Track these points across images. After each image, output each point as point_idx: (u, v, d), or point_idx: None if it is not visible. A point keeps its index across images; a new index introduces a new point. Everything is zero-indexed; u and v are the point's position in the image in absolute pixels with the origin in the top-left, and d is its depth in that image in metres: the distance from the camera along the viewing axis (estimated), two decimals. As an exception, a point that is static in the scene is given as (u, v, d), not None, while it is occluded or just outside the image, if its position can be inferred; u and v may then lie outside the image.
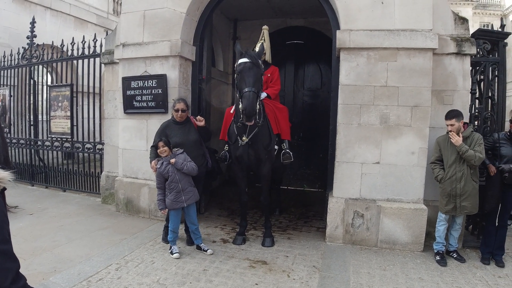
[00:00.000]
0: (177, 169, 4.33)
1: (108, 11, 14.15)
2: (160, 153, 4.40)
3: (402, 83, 4.71)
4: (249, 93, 4.07)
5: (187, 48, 5.68)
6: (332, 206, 4.92)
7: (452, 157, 4.30)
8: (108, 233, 5.07)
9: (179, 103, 4.64)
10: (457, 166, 4.28)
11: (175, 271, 3.95)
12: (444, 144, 4.40)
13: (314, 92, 8.83)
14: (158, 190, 4.44)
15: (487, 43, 4.99)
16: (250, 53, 4.34)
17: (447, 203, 4.34)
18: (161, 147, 4.38)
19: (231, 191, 7.86)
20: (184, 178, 4.38)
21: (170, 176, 4.34)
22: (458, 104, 4.89)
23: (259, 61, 4.35)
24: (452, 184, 4.28)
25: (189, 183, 4.42)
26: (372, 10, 4.77)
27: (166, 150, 4.40)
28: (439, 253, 4.42)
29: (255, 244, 4.83)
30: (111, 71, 6.57)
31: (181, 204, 4.36)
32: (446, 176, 4.32)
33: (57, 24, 11.61)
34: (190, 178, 4.45)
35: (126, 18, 5.91)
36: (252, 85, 4.12)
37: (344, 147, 4.88)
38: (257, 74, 4.25)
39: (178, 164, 4.31)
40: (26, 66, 8.15)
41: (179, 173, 4.34)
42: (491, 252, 4.40)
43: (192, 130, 4.72)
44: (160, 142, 4.40)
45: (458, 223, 4.49)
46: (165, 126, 4.72)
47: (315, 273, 4.01)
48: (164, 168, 4.35)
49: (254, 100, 4.07)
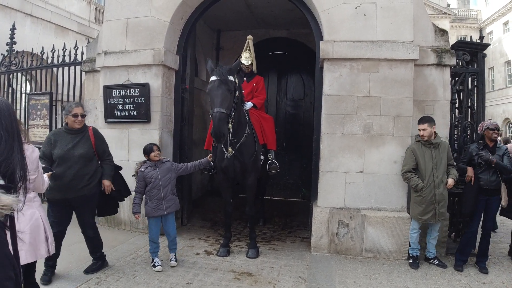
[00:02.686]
0: (161, 176, 4.25)
1: (89, 19, 14.01)
2: (154, 156, 4.34)
3: (385, 93, 4.78)
4: (215, 115, 3.93)
5: (170, 57, 5.64)
6: (317, 215, 4.91)
7: (430, 164, 4.35)
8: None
9: (78, 107, 3.91)
10: (434, 172, 4.35)
11: (157, 284, 3.84)
12: (419, 152, 4.41)
13: (296, 102, 8.89)
14: (135, 194, 4.31)
15: (467, 54, 5.13)
16: (219, 70, 4.14)
17: (425, 211, 4.36)
18: (156, 151, 4.37)
19: (213, 202, 7.76)
20: (167, 186, 4.29)
21: (152, 181, 4.24)
22: (439, 113, 4.99)
23: (230, 77, 4.12)
24: (431, 191, 4.32)
25: (171, 190, 4.34)
26: (355, 22, 4.84)
27: (160, 154, 4.43)
28: (413, 257, 4.54)
29: (240, 256, 4.76)
30: (92, 79, 6.45)
31: (161, 212, 4.24)
32: (426, 184, 4.34)
33: (37, 31, 11.41)
34: (173, 185, 4.38)
35: (109, 26, 5.83)
36: (219, 106, 3.95)
37: (328, 157, 4.89)
38: (225, 92, 4.02)
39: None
40: (5, 73, 7.92)
41: (163, 179, 4.26)
42: (465, 260, 4.47)
43: (83, 142, 3.91)
44: (155, 146, 4.39)
45: (437, 230, 4.55)
46: (54, 133, 4.00)
47: (301, 284, 3.96)
48: (149, 172, 4.26)
49: (221, 122, 3.91)
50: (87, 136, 3.98)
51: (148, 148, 4.40)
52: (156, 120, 5.52)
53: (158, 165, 4.33)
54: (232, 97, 4.11)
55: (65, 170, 3.74)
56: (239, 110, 4.47)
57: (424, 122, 4.40)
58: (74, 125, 3.90)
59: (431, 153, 4.38)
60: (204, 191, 8.76)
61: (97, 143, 4.07)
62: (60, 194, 3.76)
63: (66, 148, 3.79)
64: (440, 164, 4.38)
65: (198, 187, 8.38)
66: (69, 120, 3.88)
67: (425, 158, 4.38)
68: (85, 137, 3.96)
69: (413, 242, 4.55)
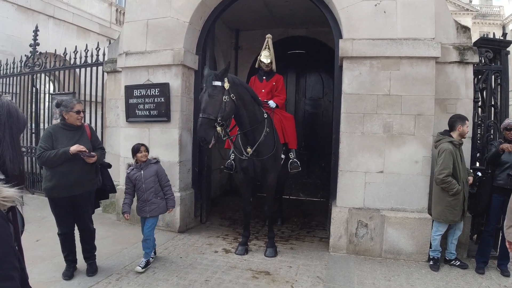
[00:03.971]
0: (144, 178, 4.24)
1: (110, 20, 14.25)
2: (141, 157, 4.30)
3: (405, 92, 4.71)
4: (198, 120, 4.01)
5: (189, 57, 5.69)
6: (336, 215, 4.87)
7: (461, 164, 4.25)
8: (108, 243, 5.02)
9: (79, 103, 3.94)
10: (463, 172, 4.29)
11: (176, 281, 3.90)
12: (455, 154, 4.22)
13: (315, 101, 8.84)
14: (125, 195, 4.31)
15: (490, 52, 5.01)
16: (207, 77, 4.15)
17: (458, 213, 4.26)
18: (144, 152, 4.32)
19: (232, 201, 7.81)
20: (150, 189, 4.26)
21: (137, 183, 4.27)
22: (461, 112, 4.86)
23: (215, 83, 4.07)
24: (463, 192, 4.25)
25: (154, 194, 4.28)
26: (375, 20, 4.78)
27: (147, 156, 4.36)
28: (434, 259, 4.44)
29: (258, 254, 4.78)
30: (113, 79, 6.58)
31: (144, 214, 4.27)
32: (460, 185, 4.21)
33: (59, 33, 11.67)
34: (158, 188, 4.33)
35: (129, 27, 5.93)
36: (203, 111, 3.98)
37: (347, 156, 4.85)
38: (208, 98, 4.01)
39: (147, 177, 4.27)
40: (29, 74, 8.15)
41: (146, 182, 4.25)
42: (486, 262, 4.37)
43: (83, 138, 3.95)
44: (143, 147, 4.34)
45: (461, 228, 4.47)
46: (53, 128, 3.95)
47: (319, 284, 3.95)
48: (133, 174, 4.29)
49: (203, 126, 3.92)
50: (85, 132, 4.01)
51: (135, 148, 4.37)
52: (176, 119, 5.59)
53: (143, 167, 4.30)
54: (218, 102, 4.05)
55: (71, 167, 3.72)
56: (250, 109, 4.47)
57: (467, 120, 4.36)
58: (76, 122, 3.89)
59: (460, 154, 4.29)
60: (223, 190, 8.82)
61: (93, 139, 4.11)
62: (66, 191, 3.75)
63: (70, 144, 3.75)
64: (463, 163, 4.34)
65: (217, 186, 8.44)
66: (71, 116, 3.85)
67: (458, 160, 4.24)
68: (84, 133, 3.99)
69: (435, 244, 4.44)
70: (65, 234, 3.92)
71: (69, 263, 3.97)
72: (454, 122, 4.38)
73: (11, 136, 1.26)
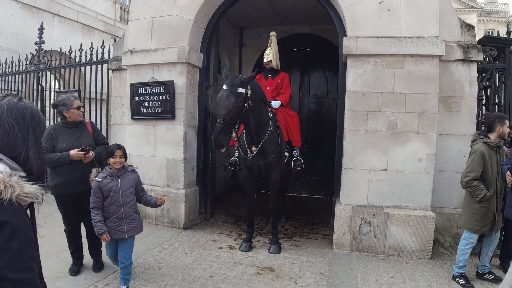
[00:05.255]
0: (122, 189, 3.51)
1: (115, 18, 14.31)
2: (114, 164, 3.51)
3: (409, 90, 4.72)
4: (217, 125, 4.04)
5: (194, 55, 5.73)
6: (339, 212, 4.90)
7: (495, 170, 3.78)
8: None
9: (76, 99, 3.91)
10: (498, 179, 3.80)
11: (181, 277, 3.95)
12: (488, 156, 3.76)
13: (319, 99, 8.85)
14: (93, 211, 3.49)
15: (494, 50, 5.01)
16: (232, 80, 4.14)
17: (486, 223, 3.83)
18: (119, 157, 3.51)
19: (236, 198, 7.86)
20: (130, 202, 3.54)
21: (111, 195, 3.47)
22: (465, 110, 4.90)
23: (240, 90, 4.11)
24: (495, 201, 3.80)
25: (134, 209, 3.58)
26: (379, 17, 4.79)
27: (122, 163, 3.56)
28: (463, 276, 3.95)
29: (262, 251, 4.82)
30: (118, 77, 6.62)
31: (121, 234, 3.47)
32: (492, 192, 3.76)
33: (64, 31, 11.74)
34: (135, 202, 3.65)
35: (134, 25, 5.97)
36: (223, 117, 4.04)
37: (351, 154, 4.88)
38: (232, 105, 4.05)
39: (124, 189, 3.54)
40: (34, 72, 8.21)
41: (124, 194, 3.51)
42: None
43: (85, 134, 3.94)
44: (119, 151, 3.52)
45: (498, 238, 4.02)
46: (53, 128, 3.92)
47: (322, 280, 3.99)
48: (107, 184, 3.47)
49: (221, 133, 4.01)
50: (86, 128, 4.01)
51: (110, 150, 3.56)
52: (181, 117, 5.63)
53: (120, 175, 3.54)
54: (239, 110, 4.13)
55: (75, 164, 3.73)
56: (258, 111, 4.52)
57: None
58: (78, 118, 3.88)
59: (497, 157, 3.81)
60: (227, 187, 8.87)
61: (95, 134, 4.08)
62: (71, 188, 3.79)
63: (71, 141, 3.77)
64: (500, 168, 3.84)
65: (221, 182, 8.49)
66: (73, 113, 3.84)
67: (492, 163, 3.77)
68: (85, 129, 3.99)
69: (465, 259, 3.95)
70: (71, 230, 3.98)
71: (76, 259, 4.02)
72: (492, 122, 3.86)
73: (35, 136, 1.33)
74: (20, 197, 1.15)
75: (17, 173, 1.20)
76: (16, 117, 1.28)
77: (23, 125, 1.29)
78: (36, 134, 1.34)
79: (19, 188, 1.14)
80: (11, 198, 1.12)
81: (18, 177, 1.18)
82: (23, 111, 1.31)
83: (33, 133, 1.32)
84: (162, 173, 5.75)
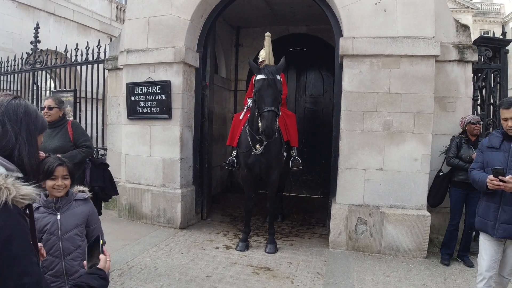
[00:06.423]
0: (63, 228, 2.27)
1: (111, 17, 14.26)
2: (53, 189, 2.28)
3: (405, 90, 4.74)
4: (268, 113, 4.05)
5: (191, 54, 5.72)
6: (335, 212, 4.92)
7: None
8: (110, 239, 5.02)
9: (47, 99, 3.81)
10: None
11: (178, 277, 3.94)
12: None
13: (316, 99, 8.87)
14: None
15: (489, 50, 5.04)
16: (268, 69, 4.28)
17: None
18: (61, 179, 2.28)
19: (232, 198, 7.87)
20: (75, 250, 2.29)
21: (44, 239, 2.21)
22: (461, 110, 4.93)
23: (278, 77, 4.25)
24: None
25: (81, 259, 2.20)
26: (375, 18, 4.81)
27: (66, 187, 2.32)
28: None
29: (258, 251, 4.83)
30: (114, 77, 6.61)
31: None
32: None
33: (60, 30, 11.68)
34: (85, 249, 2.09)
35: (130, 24, 5.95)
36: (271, 104, 4.09)
37: (347, 154, 4.89)
38: (276, 92, 4.19)
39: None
40: (30, 71, 8.17)
41: (66, 238, 2.28)
42: (451, 254, 4.50)
43: (60, 135, 3.71)
44: (61, 168, 2.29)
45: None
46: None
47: (318, 279, 4.00)
48: (40, 220, 2.21)
49: (273, 120, 4.07)
50: (65, 129, 3.82)
51: (46, 167, 2.26)
52: (177, 116, 5.62)
53: (61, 206, 2.30)
54: (280, 96, 4.27)
55: None
56: None
57: None
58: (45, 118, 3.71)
59: None
60: (223, 187, 8.87)
61: (76, 136, 3.84)
62: None
63: (47, 142, 3.59)
64: None
65: (218, 182, 8.49)
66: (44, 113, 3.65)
67: None
68: (62, 130, 3.80)
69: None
70: None
71: None
72: None
73: (28, 132, 1.30)
74: (16, 199, 1.12)
75: (13, 174, 1.17)
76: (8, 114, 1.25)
77: (15, 121, 1.26)
78: (31, 132, 1.31)
79: (15, 190, 1.12)
80: (7, 201, 1.09)
81: (14, 178, 1.15)
82: (16, 107, 1.28)
83: (26, 131, 1.29)
84: (158, 173, 5.75)
